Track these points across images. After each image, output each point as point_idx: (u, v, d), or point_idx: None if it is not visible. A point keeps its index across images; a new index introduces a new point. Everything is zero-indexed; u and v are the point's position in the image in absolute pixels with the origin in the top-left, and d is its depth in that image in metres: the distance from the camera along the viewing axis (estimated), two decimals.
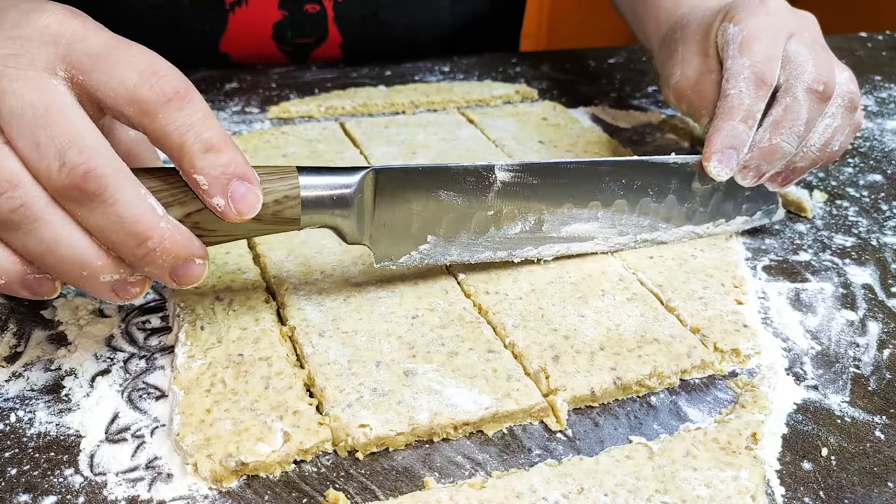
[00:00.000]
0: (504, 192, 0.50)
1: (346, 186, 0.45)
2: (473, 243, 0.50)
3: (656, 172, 0.53)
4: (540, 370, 0.44)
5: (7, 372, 0.45)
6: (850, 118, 0.56)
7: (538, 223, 0.51)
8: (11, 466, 0.39)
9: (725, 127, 0.53)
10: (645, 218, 0.54)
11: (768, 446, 0.41)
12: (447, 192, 0.48)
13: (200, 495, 0.37)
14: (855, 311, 0.51)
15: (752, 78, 0.53)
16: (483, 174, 0.49)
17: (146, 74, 0.37)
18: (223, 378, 0.43)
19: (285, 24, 0.84)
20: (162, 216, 0.38)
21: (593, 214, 0.53)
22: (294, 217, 0.43)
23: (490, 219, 0.50)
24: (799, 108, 0.52)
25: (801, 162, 0.55)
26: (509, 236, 0.51)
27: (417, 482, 0.39)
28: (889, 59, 0.97)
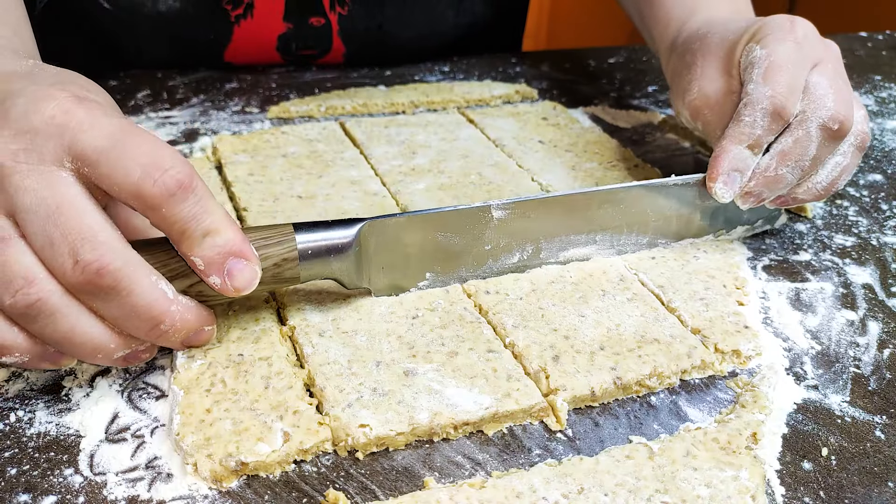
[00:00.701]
0: (500, 228, 0.51)
1: (343, 241, 0.46)
2: (472, 275, 0.51)
3: (656, 196, 0.54)
4: (540, 370, 0.44)
5: (7, 372, 0.45)
6: (859, 158, 0.55)
7: (535, 252, 0.52)
8: (11, 466, 0.39)
9: (733, 150, 0.52)
10: (643, 237, 0.55)
11: (768, 446, 0.41)
12: (444, 234, 0.49)
13: (200, 495, 0.37)
14: (855, 311, 0.51)
15: (771, 110, 0.52)
16: (479, 215, 0.50)
17: (150, 170, 0.38)
18: (223, 378, 0.43)
19: (290, 37, 0.84)
20: (173, 299, 0.40)
21: (591, 238, 0.53)
22: (293, 276, 0.45)
23: (487, 253, 0.51)
24: (809, 144, 0.52)
25: (803, 195, 0.55)
26: (507, 265, 0.52)
27: (417, 482, 0.39)
28: (889, 59, 0.97)
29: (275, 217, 0.57)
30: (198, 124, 0.74)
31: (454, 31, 0.92)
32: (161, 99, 0.78)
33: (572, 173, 0.65)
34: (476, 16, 0.93)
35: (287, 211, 0.58)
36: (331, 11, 0.83)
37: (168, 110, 0.76)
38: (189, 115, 0.75)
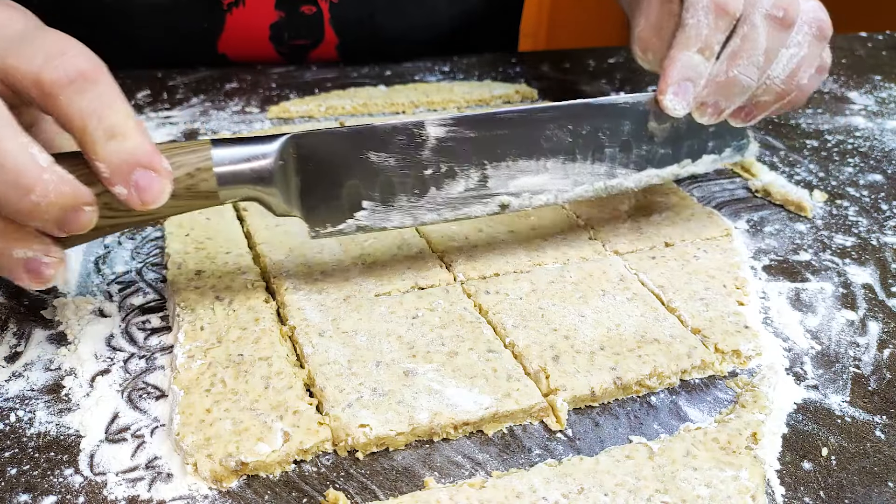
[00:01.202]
0: (440, 149, 0.47)
1: (263, 156, 0.43)
2: (415, 206, 0.48)
3: (606, 115, 0.50)
4: (540, 370, 0.44)
5: (7, 372, 0.45)
6: (819, 47, 0.51)
7: (482, 179, 0.48)
8: (11, 466, 0.39)
9: (681, 58, 0.49)
10: (600, 165, 0.51)
11: (768, 446, 0.41)
12: (377, 153, 0.46)
13: (200, 495, 0.37)
14: (855, 311, 0.51)
15: (713, 6, 0.48)
16: (414, 131, 0.46)
17: (52, 55, 0.37)
18: (223, 378, 0.43)
19: (282, 26, 0.84)
20: (45, 167, 0.36)
21: (542, 165, 0.49)
22: (210, 191, 0.42)
23: (429, 179, 0.47)
24: (757, 37, 0.48)
25: (764, 96, 0.51)
26: (453, 196, 0.48)
27: (417, 482, 0.39)
28: (889, 59, 0.97)
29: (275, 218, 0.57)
30: (198, 124, 0.74)
31: (448, 23, 0.91)
32: (161, 99, 0.78)
33: None
34: (470, 6, 0.92)
35: None
36: (322, 0, 0.84)
37: (168, 110, 0.76)
38: (189, 115, 0.75)
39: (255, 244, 0.54)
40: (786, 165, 0.70)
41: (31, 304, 0.50)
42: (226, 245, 0.54)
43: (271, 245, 0.54)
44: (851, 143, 0.74)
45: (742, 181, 0.67)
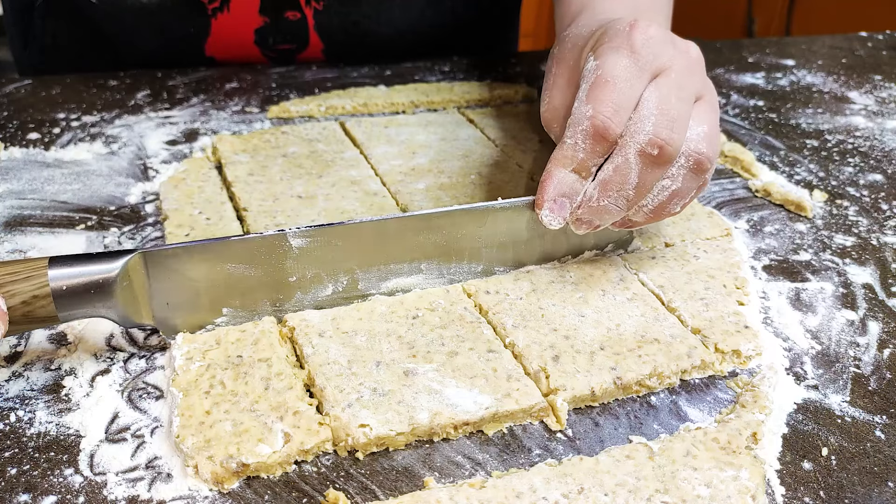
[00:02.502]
0: (304, 258, 0.46)
1: (106, 275, 0.42)
2: (278, 309, 0.47)
3: (482, 220, 0.50)
4: (540, 370, 0.44)
5: (7, 372, 0.45)
6: (696, 181, 0.49)
7: (352, 283, 0.48)
8: (11, 466, 0.39)
9: (556, 174, 0.48)
10: (477, 264, 0.51)
11: (768, 446, 0.41)
12: (234, 265, 0.45)
13: (200, 495, 0.37)
14: (855, 311, 0.51)
15: (591, 132, 0.47)
16: (275, 244, 0.45)
17: None
18: (222, 380, 0.43)
19: (267, 31, 0.85)
20: None
21: (415, 267, 0.49)
22: (49, 315, 0.41)
23: (294, 284, 0.47)
24: (629, 172, 0.47)
25: (635, 217, 0.50)
26: (321, 298, 0.48)
27: (417, 482, 0.39)
28: (889, 59, 0.97)
29: (275, 217, 0.57)
30: (198, 124, 0.74)
31: (433, 31, 0.91)
32: (161, 99, 0.78)
33: None
34: (457, 17, 0.92)
35: (287, 210, 0.58)
36: (306, 6, 0.84)
37: (168, 110, 0.76)
38: (189, 115, 0.75)
39: None
40: (786, 165, 0.70)
41: None
42: None
43: None
44: (851, 143, 0.74)
45: (742, 181, 0.67)
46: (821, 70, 0.92)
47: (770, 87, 0.87)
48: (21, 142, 0.70)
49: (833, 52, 0.98)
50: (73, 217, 0.59)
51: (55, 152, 0.68)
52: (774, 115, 0.80)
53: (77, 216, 0.59)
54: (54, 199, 0.61)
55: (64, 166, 0.66)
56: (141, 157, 0.68)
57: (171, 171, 0.65)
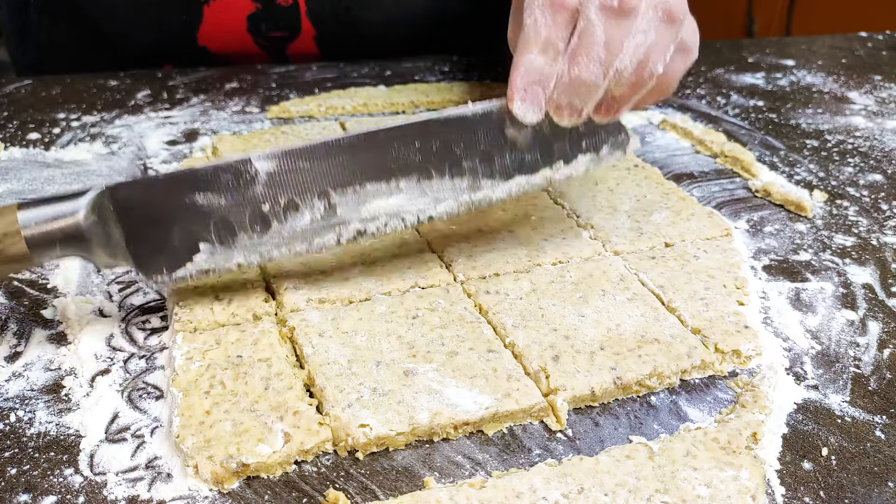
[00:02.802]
0: (274, 183, 0.45)
1: (72, 213, 0.42)
2: (258, 243, 0.45)
3: (455, 127, 0.47)
4: (540, 370, 0.44)
5: (7, 372, 0.45)
6: (670, 32, 0.47)
7: (329, 208, 0.46)
8: (11, 466, 0.39)
9: (523, 62, 0.46)
10: (461, 179, 0.48)
11: (768, 446, 0.41)
12: (203, 194, 0.44)
13: (200, 495, 0.37)
14: (855, 311, 0.51)
15: (548, 2, 0.45)
16: (240, 168, 0.44)
17: None
18: (222, 380, 0.43)
19: (259, 17, 0.85)
20: None
21: (394, 187, 0.47)
22: (21, 254, 0.42)
23: (269, 214, 0.45)
24: (594, 31, 0.45)
25: (617, 89, 0.47)
26: (300, 228, 0.46)
27: (417, 482, 0.39)
28: (889, 59, 0.97)
29: None
30: (198, 124, 0.74)
31: (426, 17, 0.91)
32: (161, 99, 0.78)
33: None
34: (449, 5, 0.92)
35: None
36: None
37: (168, 110, 0.76)
38: (189, 115, 0.75)
39: None
40: (786, 165, 0.70)
41: (31, 304, 0.50)
42: None
43: None
44: (851, 143, 0.74)
45: (742, 181, 0.67)
46: (821, 70, 0.92)
47: (770, 87, 0.87)
48: (21, 142, 0.70)
49: (833, 52, 0.98)
50: None
51: (55, 152, 0.68)
52: (774, 115, 0.80)
53: None
54: None
55: (64, 166, 0.66)
56: (141, 158, 0.68)
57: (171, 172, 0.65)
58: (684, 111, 0.80)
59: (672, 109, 0.80)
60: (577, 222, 0.58)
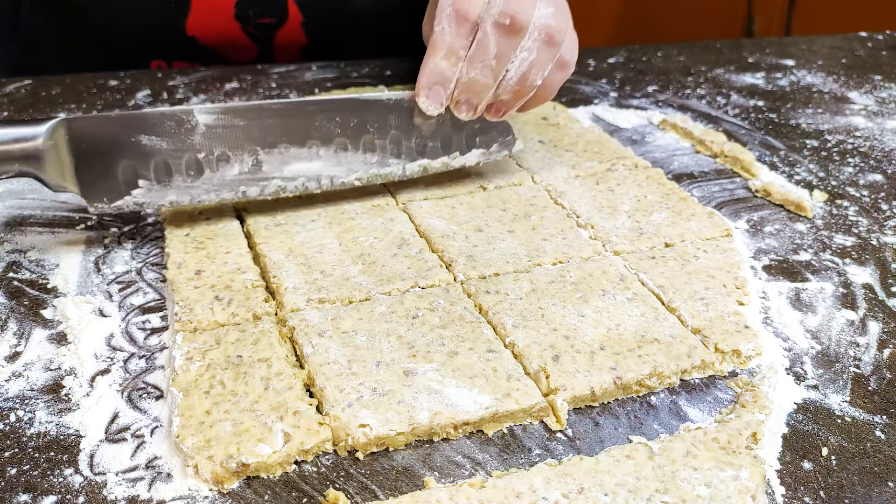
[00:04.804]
0: (211, 135, 0.51)
1: (33, 136, 0.47)
2: (191, 186, 0.52)
3: (372, 109, 0.55)
4: (540, 370, 0.44)
5: (7, 372, 0.45)
6: (550, 52, 0.55)
7: (256, 164, 0.53)
8: (11, 466, 0.39)
9: (429, 64, 0.54)
10: (372, 155, 0.56)
11: (768, 446, 0.41)
12: (148, 136, 0.50)
13: (200, 495, 0.37)
14: (855, 311, 0.51)
15: (454, 15, 0.53)
16: (183, 118, 0.50)
17: None
18: (222, 380, 0.43)
19: (247, 3, 0.85)
20: None
21: (314, 153, 0.54)
22: None
23: (203, 161, 0.52)
24: (488, 43, 0.53)
25: (504, 95, 0.56)
26: (228, 178, 0.53)
27: (417, 482, 0.39)
28: (889, 59, 0.97)
29: (275, 216, 0.57)
30: None
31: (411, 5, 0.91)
32: (161, 99, 0.78)
33: (573, 172, 0.65)
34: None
35: (287, 210, 0.58)
36: None
37: None
38: None
39: (255, 244, 0.54)
40: (786, 165, 0.70)
41: (31, 304, 0.50)
42: (226, 245, 0.54)
43: (271, 245, 0.54)
44: (851, 143, 0.74)
45: (742, 181, 0.67)
46: (821, 70, 0.92)
47: (770, 87, 0.87)
48: None
49: (833, 52, 0.98)
50: (73, 217, 0.59)
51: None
52: (774, 115, 0.80)
53: (77, 216, 0.59)
54: (54, 199, 0.61)
55: None
56: None
57: None
58: (684, 111, 0.80)
59: (672, 109, 0.80)
60: (577, 222, 0.58)
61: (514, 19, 0.53)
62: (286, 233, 0.55)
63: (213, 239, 0.55)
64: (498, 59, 0.54)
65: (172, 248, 0.54)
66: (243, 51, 0.88)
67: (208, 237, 0.55)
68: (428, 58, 0.54)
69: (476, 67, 0.54)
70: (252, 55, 0.89)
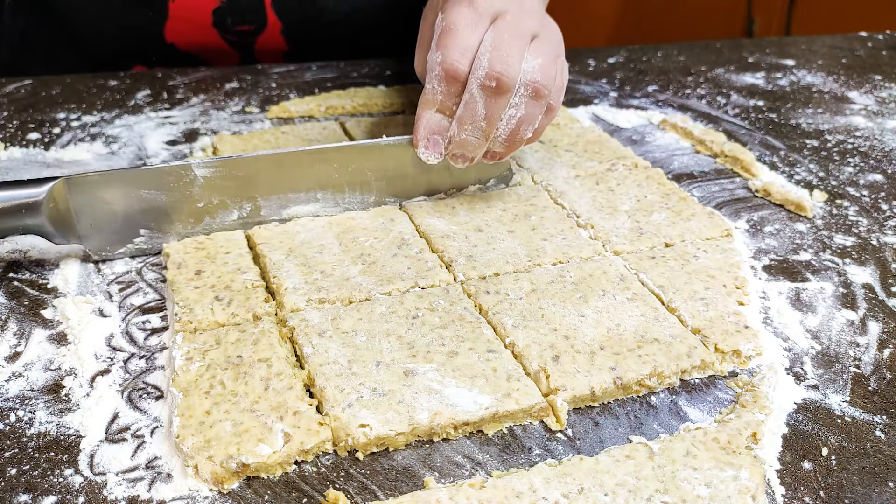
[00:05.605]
0: (210, 186, 0.53)
1: (32, 198, 0.49)
2: (191, 232, 0.54)
3: (370, 156, 0.56)
4: (540, 370, 0.44)
5: (7, 372, 0.45)
6: (538, 106, 0.56)
7: (255, 210, 0.55)
8: (11, 466, 0.39)
9: (424, 116, 0.55)
10: (369, 195, 0.58)
11: (768, 446, 0.41)
12: (147, 191, 0.52)
13: (200, 495, 0.37)
14: (855, 311, 0.51)
15: (443, 75, 0.54)
16: (182, 172, 0.52)
17: None
18: (222, 380, 0.43)
19: (225, 11, 0.84)
20: None
21: (312, 196, 0.56)
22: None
23: (202, 210, 0.54)
24: (475, 106, 0.54)
25: (496, 148, 0.57)
26: (228, 222, 0.55)
27: (417, 482, 0.39)
28: (889, 59, 0.97)
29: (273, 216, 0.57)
30: (198, 124, 0.74)
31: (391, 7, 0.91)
32: (161, 99, 0.78)
33: (573, 172, 0.65)
34: None
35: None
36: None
37: (168, 110, 0.76)
38: (189, 115, 0.75)
39: (255, 244, 0.54)
40: (786, 165, 0.70)
41: (31, 304, 0.50)
42: (226, 245, 0.54)
43: (271, 245, 0.54)
44: (851, 143, 0.74)
45: (742, 181, 0.67)
46: (821, 70, 0.92)
47: (770, 87, 0.87)
48: (21, 142, 0.70)
49: (833, 52, 0.98)
50: None
51: (55, 152, 0.68)
52: (774, 115, 0.80)
53: None
54: None
55: (64, 166, 0.66)
56: (141, 157, 0.68)
57: None
58: (684, 111, 0.80)
59: (672, 109, 0.80)
60: (577, 222, 0.58)
61: (499, 81, 0.53)
62: (286, 233, 0.55)
63: (213, 239, 0.55)
64: (487, 120, 0.54)
65: (172, 248, 0.54)
66: (224, 58, 0.88)
67: (208, 237, 0.55)
68: (421, 110, 0.56)
69: (466, 129, 0.54)
70: (234, 62, 0.89)
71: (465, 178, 0.60)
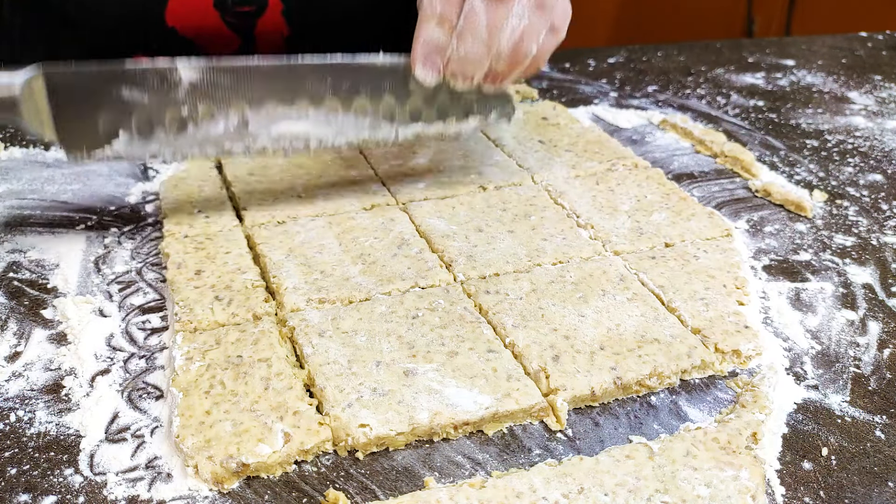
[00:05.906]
0: (195, 92, 0.50)
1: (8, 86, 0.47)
2: (173, 140, 0.51)
3: (366, 74, 0.53)
4: (540, 370, 0.44)
5: (7, 372, 0.45)
6: (542, 18, 0.54)
7: (242, 122, 0.52)
8: (11, 466, 0.39)
9: (423, 33, 0.53)
10: (364, 118, 0.54)
11: (768, 446, 0.41)
12: (129, 90, 0.49)
13: (200, 495, 0.37)
14: (855, 311, 0.51)
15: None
16: (166, 74, 0.49)
17: None
18: (222, 380, 0.43)
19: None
20: None
21: (303, 114, 0.53)
22: None
23: (186, 117, 0.51)
24: (477, 16, 0.52)
25: (498, 65, 0.54)
26: (213, 135, 0.52)
27: (417, 482, 0.39)
28: (889, 59, 0.97)
29: (274, 216, 0.57)
30: None
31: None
32: None
33: (573, 172, 0.65)
34: None
35: (287, 210, 0.58)
36: None
37: None
38: None
39: (254, 244, 0.54)
40: (786, 165, 0.70)
41: (31, 304, 0.50)
42: (226, 245, 0.54)
43: (271, 245, 0.54)
44: (851, 143, 0.74)
45: (742, 181, 0.67)
46: (821, 70, 0.92)
47: (770, 87, 0.87)
48: (21, 142, 0.70)
49: (833, 52, 0.98)
50: (74, 217, 0.59)
51: (55, 152, 0.68)
52: (774, 115, 0.80)
53: (77, 216, 0.59)
54: (54, 199, 0.61)
55: (64, 166, 0.66)
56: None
57: (171, 171, 0.65)
58: (684, 111, 0.80)
59: (672, 109, 0.80)
60: (577, 222, 0.58)
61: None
62: (286, 233, 0.55)
63: (212, 239, 0.55)
64: (489, 29, 0.52)
65: (172, 248, 0.54)
66: (225, 42, 0.87)
67: (208, 237, 0.55)
68: (420, 27, 0.53)
69: (467, 41, 0.52)
70: (234, 47, 0.89)
71: (465, 108, 0.57)
